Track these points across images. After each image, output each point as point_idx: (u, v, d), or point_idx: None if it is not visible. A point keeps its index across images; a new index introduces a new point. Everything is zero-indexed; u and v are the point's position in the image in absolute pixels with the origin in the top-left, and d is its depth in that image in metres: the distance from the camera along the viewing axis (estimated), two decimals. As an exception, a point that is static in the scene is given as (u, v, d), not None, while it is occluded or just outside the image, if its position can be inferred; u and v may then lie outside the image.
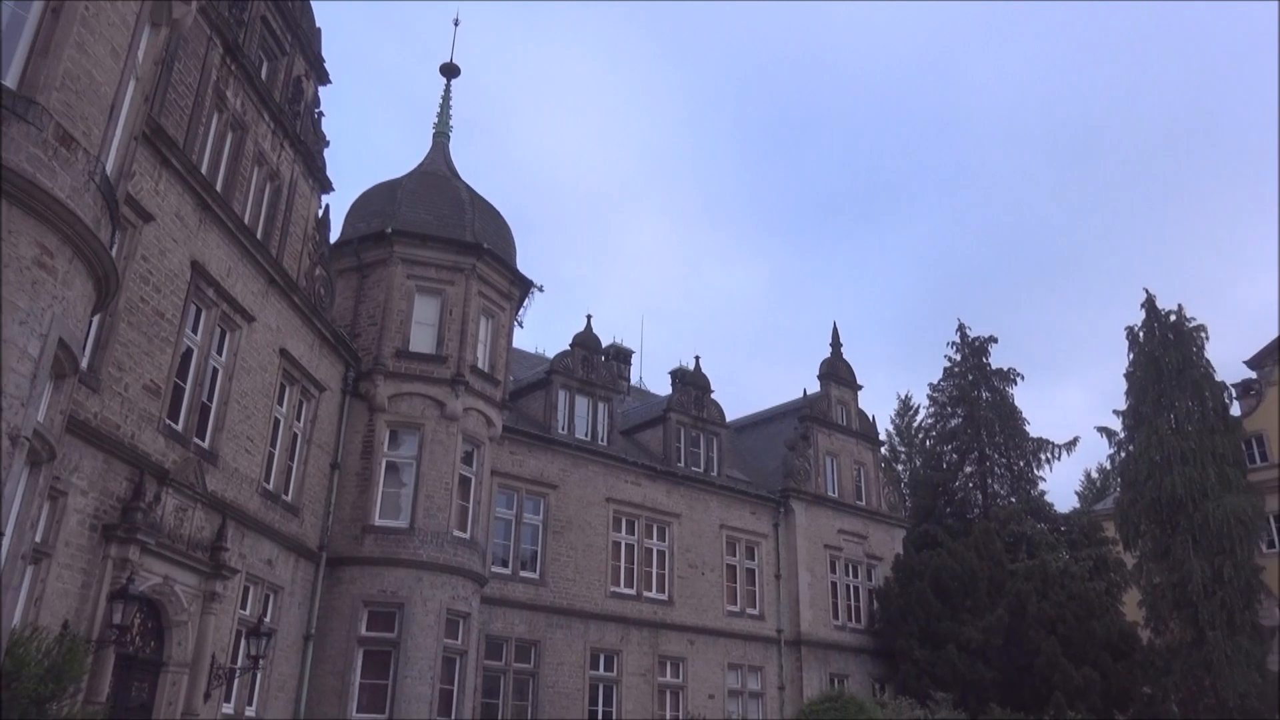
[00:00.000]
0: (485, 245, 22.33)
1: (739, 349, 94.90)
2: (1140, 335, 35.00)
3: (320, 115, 19.67)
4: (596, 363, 28.07)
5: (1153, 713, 29.75)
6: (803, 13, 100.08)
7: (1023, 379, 42.90)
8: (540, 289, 24.00)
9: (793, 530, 30.75)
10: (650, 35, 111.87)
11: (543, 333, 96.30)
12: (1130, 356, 35.09)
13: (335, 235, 21.59)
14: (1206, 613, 29.99)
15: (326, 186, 19.74)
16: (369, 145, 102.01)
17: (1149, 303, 35.10)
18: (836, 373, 34.67)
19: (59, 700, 7.17)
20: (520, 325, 24.17)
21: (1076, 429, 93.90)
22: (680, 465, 28.92)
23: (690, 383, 30.81)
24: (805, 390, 34.95)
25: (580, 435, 26.74)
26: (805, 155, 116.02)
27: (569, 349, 27.59)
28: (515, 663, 23.37)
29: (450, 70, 26.01)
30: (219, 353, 15.51)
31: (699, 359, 31.70)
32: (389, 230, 21.69)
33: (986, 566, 30.74)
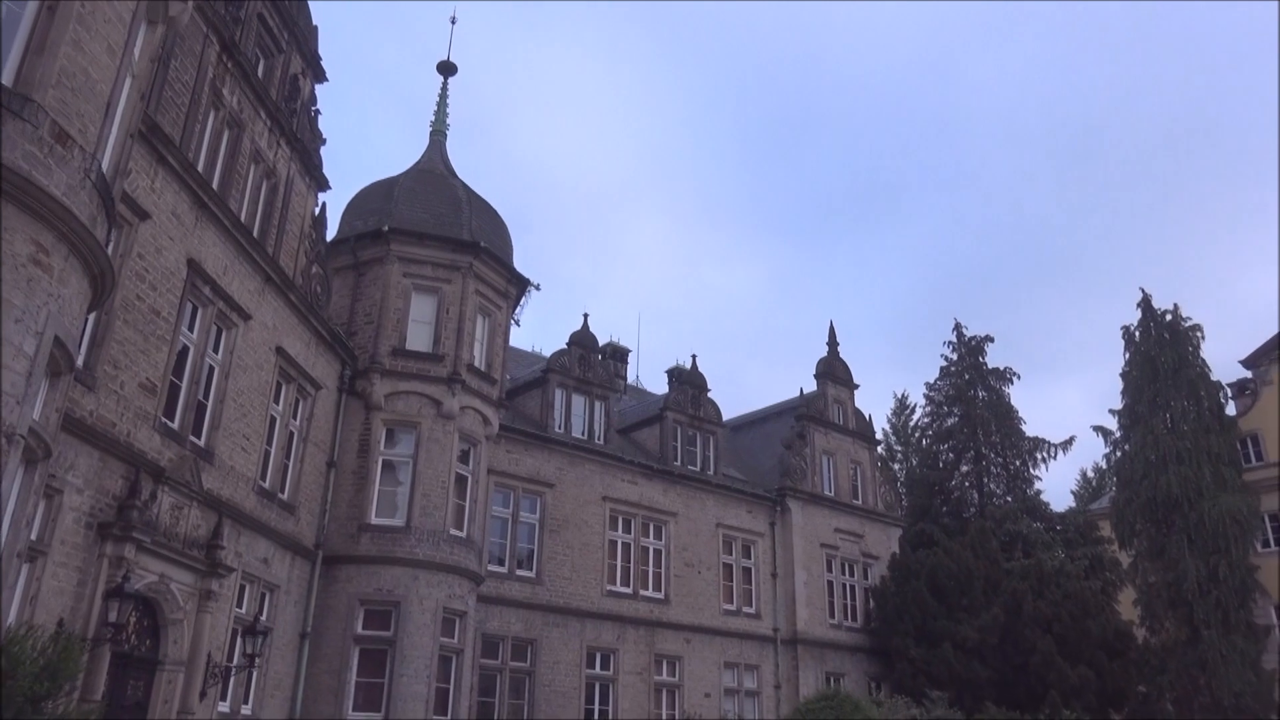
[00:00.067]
0: (482, 244, 22.32)
1: (736, 348, 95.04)
2: (1136, 335, 35.08)
3: (317, 113, 19.66)
4: (593, 361, 28.05)
5: (1148, 711, 29.80)
6: (803, 12, 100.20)
7: (1019, 378, 43.06)
8: (537, 287, 24.06)
9: (789, 529, 30.78)
10: (649, 34, 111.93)
11: (539, 331, 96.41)
12: (1126, 356, 35.18)
13: (332, 233, 21.59)
14: (1201, 612, 30.07)
15: (323, 184, 19.72)
16: (366, 143, 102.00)
17: (1145, 302, 35.19)
18: (833, 372, 34.71)
19: (54, 699, 7.15)
20: (517, 324, 24.22)
21: (1072, 428, 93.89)
22: (677, 464, 28.92)
23: (687, 382, 30.81)
24: (802, 389, 35.02)
25: (577, 434, 26.73)
26: (804, 155, 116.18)
27: (566, 348, 27.58)
28: (511, 661, 23.37)
29: (447, 68, 26.00)
30: (215, 351, 15.49)
31: (695, 358, 31.74)
32: (386, 228, 21.69)
33: (982, 565, 30.77)
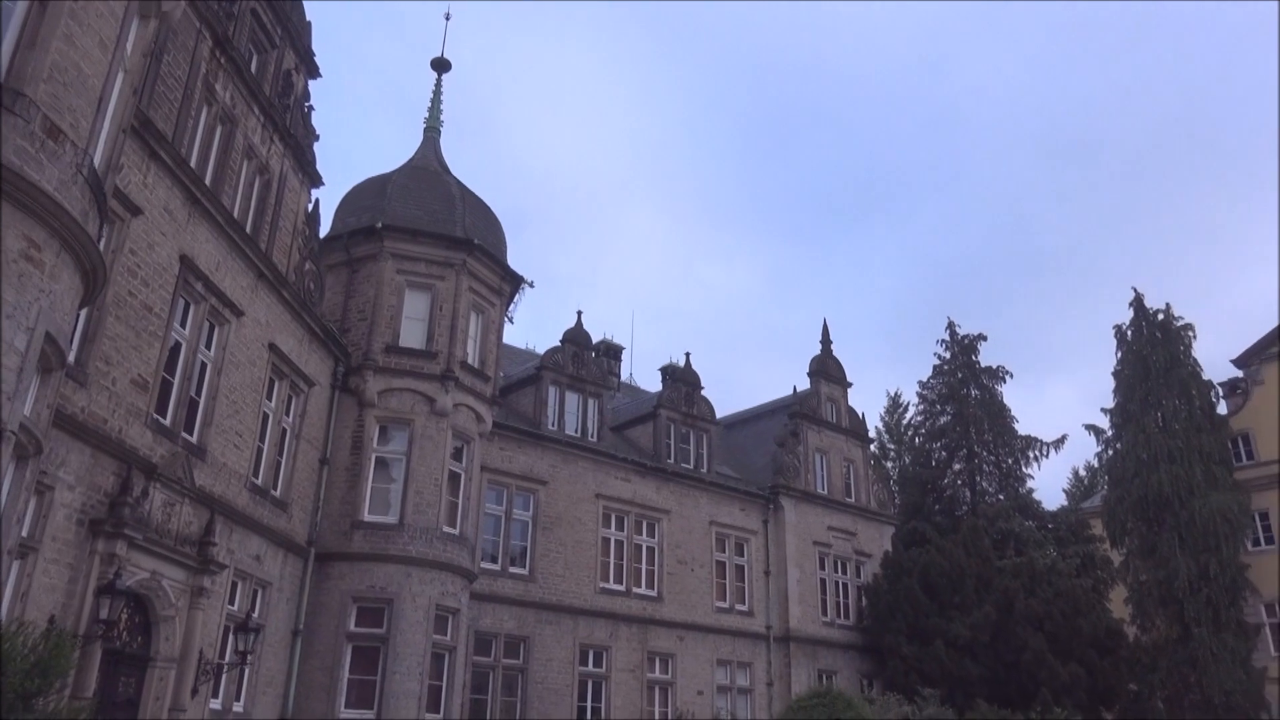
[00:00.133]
0: (476, 241, 22.29)
1: (729, 346, 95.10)
2: (1128, 334, 35.24)
3: (310, 109, 19.58)
4: (587, 359, 28.03)
5: (1138, 709, 29.93)
6: (799, 11, 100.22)
7: (1012, 377, 43.22)
8: (531, 285, 24.01)
9: (782, 527, 30.82)
10: (645, 32, 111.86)
11: (533, 329, 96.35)
12: (1118, 355, 35.34)
13: (325, 230, 21.51)
14: (1192, 610, 30.23)
15: (316, 181, 19.66)
16: (359, 140, 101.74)
17: (1137, 302, 35.34)
18: (826, 370, 34.76)
19: (45, 696, 7.12)
20: (511, 321, 24.16)
21: (1064, 427, 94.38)
22: (670, 461, 28.93)
23: (680, 379, 30.81)
24: (795, 387, 35.10)
25: (570, 431, 26.73)
26: (799, 153, 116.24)
27: (559, 345, 27.56)
28: (504, 659, 23.37)
29: (441, 65, 25.93)
30: (208, 347, 15.44)
31: (689, 356, 31.69)
32: (379, 225, 21.64)
33: (974, 564, 30.85)
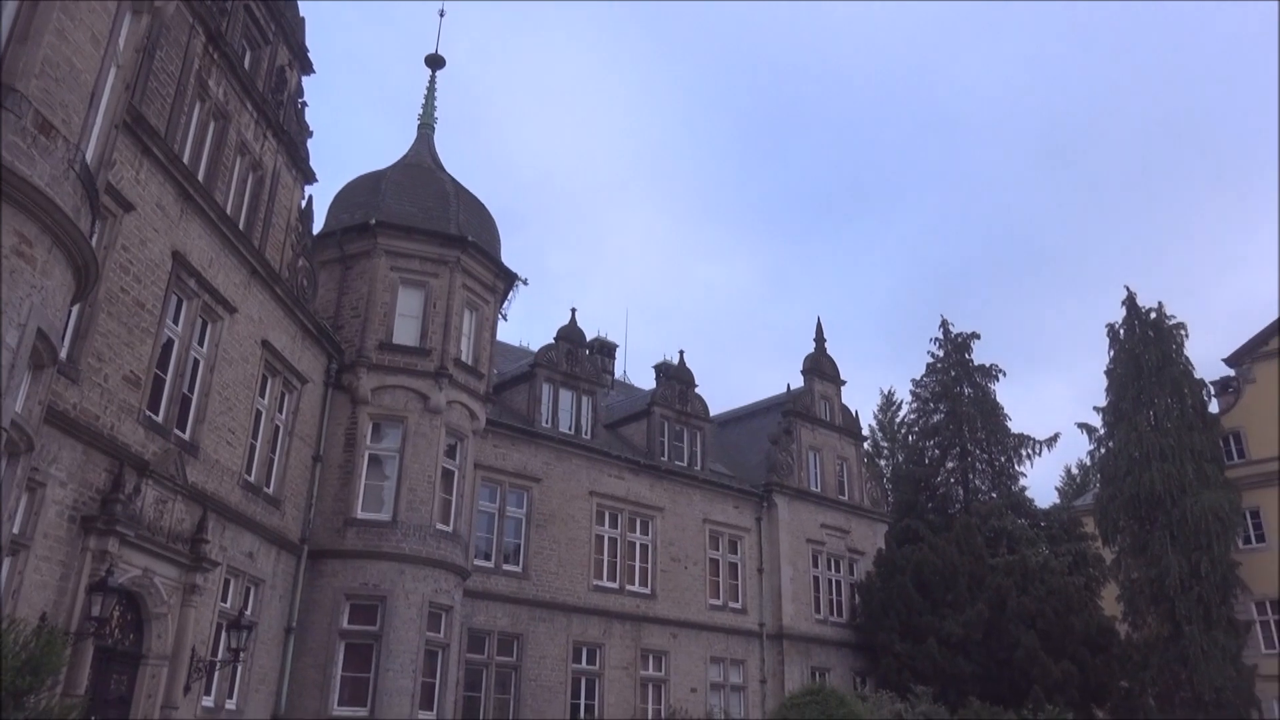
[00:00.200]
0: (469, 238, 22.25)
1: (723, 344, 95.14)
2: (1121, 332, 35.35)
3: (304, 105, 19.53)
4: (581, 356, 28.03)
5: (1130, 706, 30.04)
6: (794, 10, 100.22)
7: (1005, 375, 43.19)
8: (524, 282, 24.00)
9: (775, 524, 30.87)
10: (640, 30, 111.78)
11: (527, 326, 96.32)
12: (1111, 353, 35.46)
13: (318, 226, 21.49)
14: (1183, 608, 30.36)
15: (310, 177, 19.61)
16: (353, 136, 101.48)
17: (1130, 300, 35.45)
18: (820, 368, 34.80)
19: (37, 693, 7.11)
20: (504, 318, 24.14)
21: (1057, 425, 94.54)
22: (664, 459, 28.95)
23: (674, 377, 30.83)
24: (789, 385, 35.15)
25: (564, 429, 26.72)
26: (793, 152, 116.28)
27: (553, 342, 27.55)
28: (498, 656, 23.37)
29: (435, 61, 25.87)
30: (200, 344, 15.39)
31: (683, 353, 31.75)
32: (373, 222, 21.59)
33: (967, 561, 30.93)
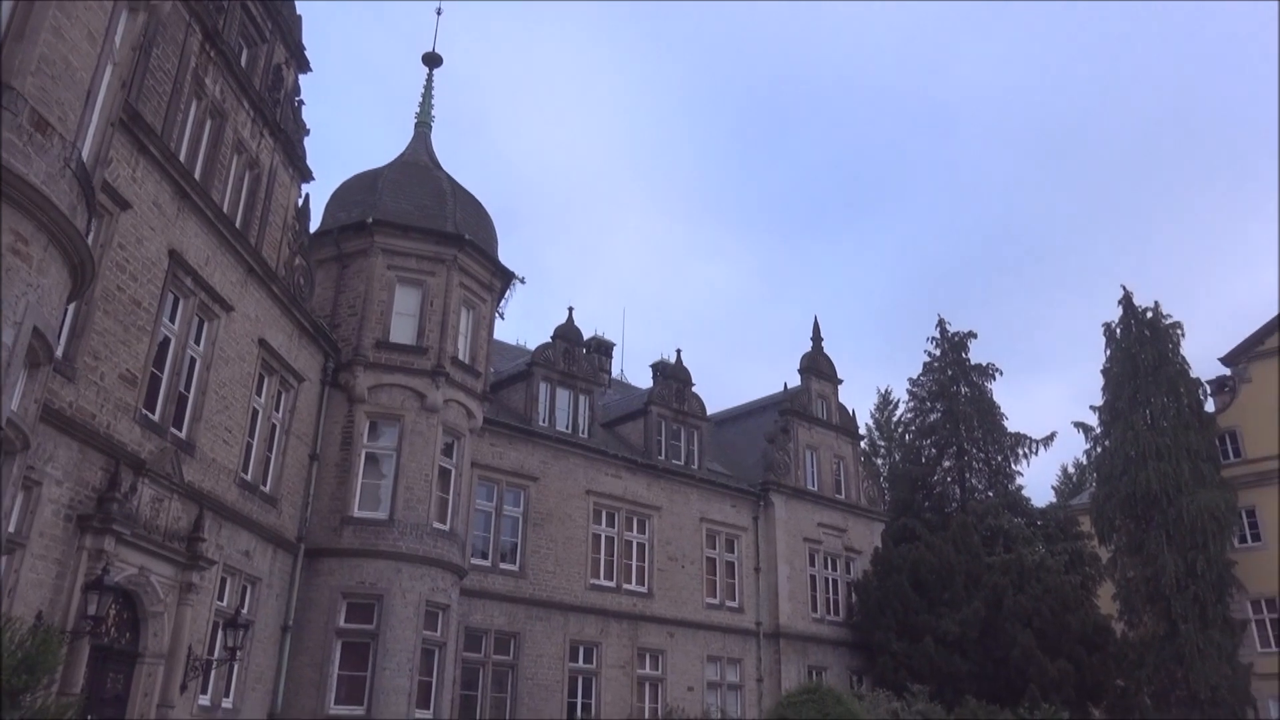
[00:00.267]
0: (467, 236, 22.24)
1: (721, 343, 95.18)
2: (1117, 332, 35.38)
3: (300, 103, 19.50)
4: (578, 355, 28.02)
5: (1126, 705, 30.10)
6: (790, 9, 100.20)
7: (1001, 374, 43.31)
8: (522, 281, 24.03)
9: (772, 523, 30.87)
10: (638, 29, 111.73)
11: (524, 325, 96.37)
12: (1107, 353, 35.50)
13: (315, 225, 21.46)
14: (1179, 606, 30.41)
15: (306, 175, 19.58)
16: (350, 135, 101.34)
17: (1126, 299, 35.48)
18: (817, 367, 34.81)
19: (32, 692, 7.09)
20: (501, 317, 24.19)
21: (1054, 424, 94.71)
22: (661, 458, 28.95)
23: (671, 376, 30.83)
24: (786, 384, 35.16)
25: (561, 428, 26.71)
26: (791, 151, 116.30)
27: (550, 341, 27.53)
28: (494, 655, 23.37)
29: (432, 60, 25.84)
30: (197, 342, 15.38)
31: (680, 352, 31.75)
32: (370, 220, 21.57)
33: (964, 560, 30.97)
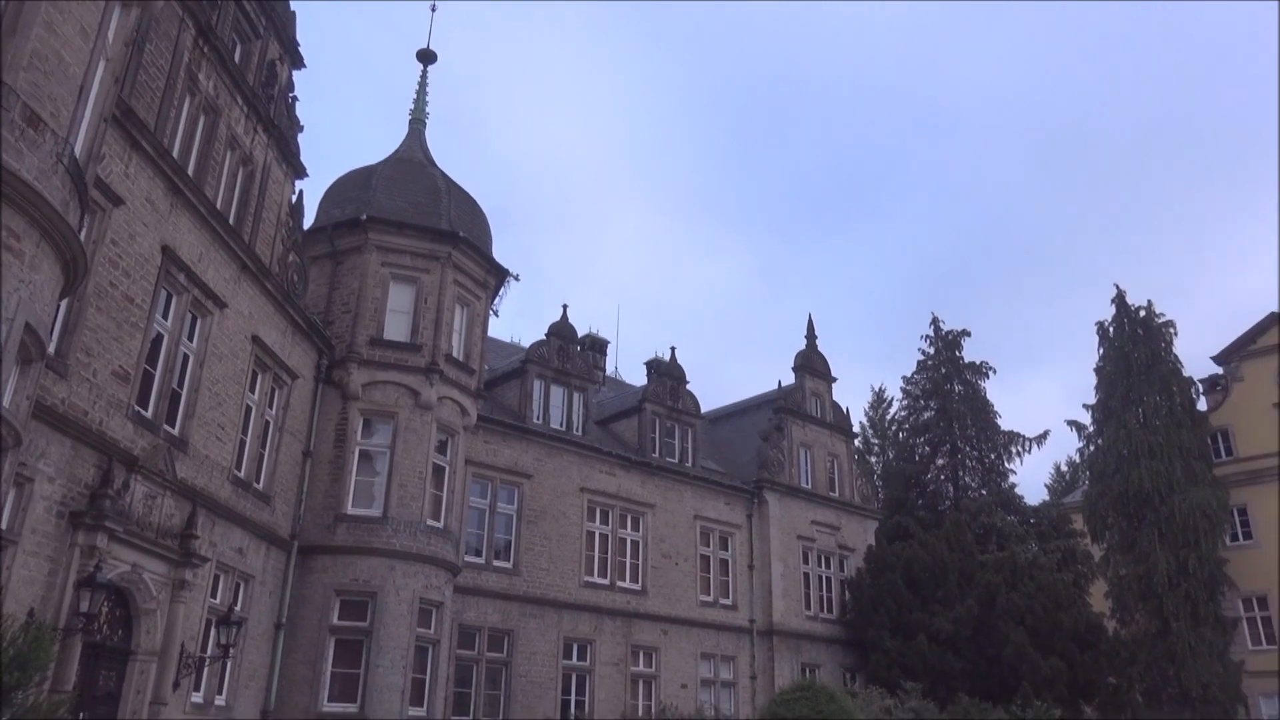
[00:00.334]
0: (461, 233, 22.21)
1: (715, 340, 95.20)
2: (1110, 330, 35.51)
3: (294, 100, 19.44)
4: (572, 353, 28.01)
5: (1118, 702, 30.22)
6: (789, 9, 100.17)
7: (995, 372, 43.50)
8: (516, 278, 23.97)
9: (766, 521, 30.92)
10: (635, 27, 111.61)
11: (518, 322, 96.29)
12: (1100, 351, 35.63)
13: (309, 221, 21.37)
14: (1171, 604, 30.54)
15: (300, 172, 19.54)
16: (344, 131, 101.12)
17: (1119, 298, 35.61)
18: (811, 365, 34.84)
19: (24, 689, 7.08)
20: (496, 314, 24.10)
21: (1047, 422, 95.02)
22: (655, 456, 28.95)
23: (665, 373, 30.83)
24: (780, 382, 35.18)
25: (555, 425, 26.70)
26: (787, 149, 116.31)
27: (544, 338, 27.51)
28: (488, 652, 23.37)
29: (427, 56, 25.80)
30: (190, 339, 15.34)
31: (674, 350, 31.70)
32: (364, 217, 21.52)
33: (957, 558, 31.05)
